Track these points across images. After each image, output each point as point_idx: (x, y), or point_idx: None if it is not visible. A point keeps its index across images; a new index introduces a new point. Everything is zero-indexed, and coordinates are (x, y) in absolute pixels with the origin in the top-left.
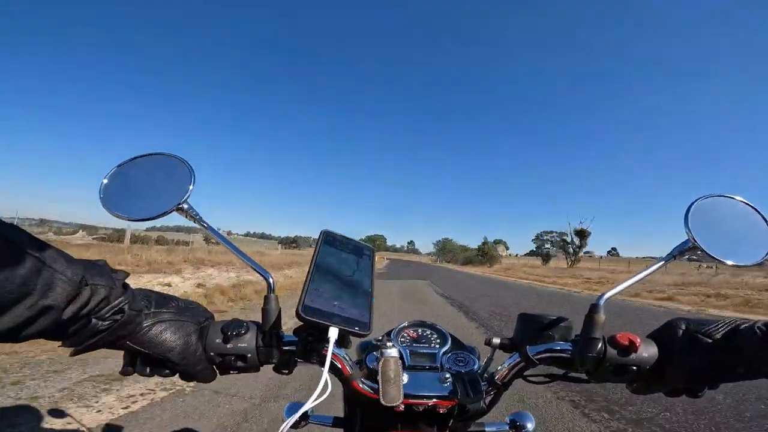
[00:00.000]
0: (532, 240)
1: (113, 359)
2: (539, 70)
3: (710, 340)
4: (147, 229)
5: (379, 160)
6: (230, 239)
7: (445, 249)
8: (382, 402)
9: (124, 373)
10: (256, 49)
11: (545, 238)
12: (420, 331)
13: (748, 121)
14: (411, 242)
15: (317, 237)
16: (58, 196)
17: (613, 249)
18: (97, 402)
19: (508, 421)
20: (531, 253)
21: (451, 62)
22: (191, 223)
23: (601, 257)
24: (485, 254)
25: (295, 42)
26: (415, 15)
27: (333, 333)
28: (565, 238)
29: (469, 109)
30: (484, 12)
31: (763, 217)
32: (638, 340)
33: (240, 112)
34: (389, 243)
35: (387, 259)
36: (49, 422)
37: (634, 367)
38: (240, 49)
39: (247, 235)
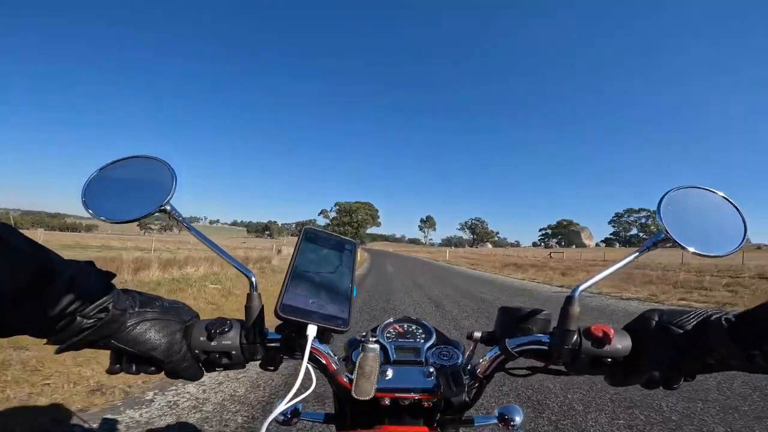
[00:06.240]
0: (609, 222)
1: None
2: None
3: (681, 331)
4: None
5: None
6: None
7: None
8: (353, 395)
9: (111, 371)
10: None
11: (629, 219)
12: (406, 326)
13: None
14: (429, 218)
15: (298, 233)
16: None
17: None
18: None
19: (497, 414)
20: (607, 241)
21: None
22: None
23: None
24: None
25: (293, 35)
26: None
27: (311, 330)
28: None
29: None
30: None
31: (736, 208)
32: (612, 331)
33: (235, 105)
34: (389, 232)
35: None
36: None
37: (609, 359)
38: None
39: (234, 223)
